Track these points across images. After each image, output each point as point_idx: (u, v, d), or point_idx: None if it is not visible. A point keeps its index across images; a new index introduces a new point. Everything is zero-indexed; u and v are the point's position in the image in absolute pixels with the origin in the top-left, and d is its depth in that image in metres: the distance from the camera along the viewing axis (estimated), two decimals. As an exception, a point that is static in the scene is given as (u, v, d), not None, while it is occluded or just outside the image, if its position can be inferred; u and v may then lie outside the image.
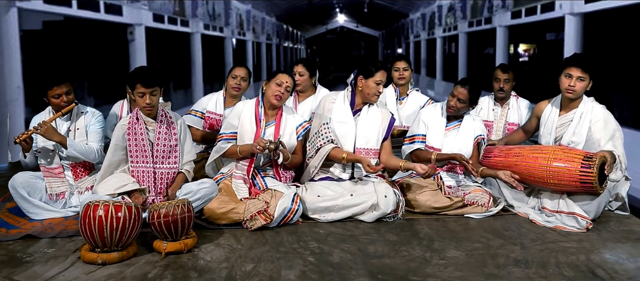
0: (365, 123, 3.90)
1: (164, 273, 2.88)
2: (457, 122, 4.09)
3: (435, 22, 21.77)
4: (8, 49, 6.85)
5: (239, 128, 3.85)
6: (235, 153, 3.79)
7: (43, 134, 3.67)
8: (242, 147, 3.76)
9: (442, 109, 4.14)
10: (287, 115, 3.91)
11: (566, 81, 3.76)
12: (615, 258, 3.04)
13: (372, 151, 3.89)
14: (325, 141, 3.83)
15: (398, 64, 4.91)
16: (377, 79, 3.79)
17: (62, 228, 3.56)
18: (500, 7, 14.24)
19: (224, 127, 3.94)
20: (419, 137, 4.12)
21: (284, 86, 3.78)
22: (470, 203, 3.78)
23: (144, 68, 3.70)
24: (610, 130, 3.74)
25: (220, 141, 3.88)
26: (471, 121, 4.09)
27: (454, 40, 19.52)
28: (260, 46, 25.12)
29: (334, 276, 2.84)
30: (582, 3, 9.46)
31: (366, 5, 27.65)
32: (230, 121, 3.91)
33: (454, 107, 4.01)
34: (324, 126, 3.87)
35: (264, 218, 3.51)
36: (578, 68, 3.71)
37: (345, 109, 3.90)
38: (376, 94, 3.84)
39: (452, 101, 4.01)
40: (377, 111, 3.95)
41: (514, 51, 15.03)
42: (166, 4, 12.98)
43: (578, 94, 3.77)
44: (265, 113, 3.87)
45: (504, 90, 4.58)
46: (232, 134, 3.86)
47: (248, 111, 3.87)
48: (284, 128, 3.86)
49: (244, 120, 3.85)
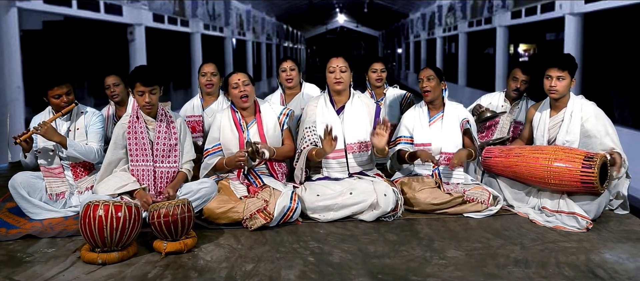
0: (351, 118, 3.90)
1: (164, 273, 2.88)
2: (440, 114, 4.08)
3: (435, 22, 21.79)
4: (8, 49, 6.86)
5: (222, 139, 3.85)
6: (222, 167, 3.81)
7: (43, 134, 3.67)
8: (228, 160, 3.78)
9: (422, 104, 4.14)
10: (266, 110, 3.91)
11: (547, 83, 3.84)
12: (615, 258, 3.04)
13: (364, 144, 3.90)
14: (308, 144, 3.84)
15: (375, 66, 4.87)
16: (330, 67, 3.86)
17: (62, 228, 3.56)
18: (500, 7, 14.24)
19: (207, 142, 3.94)
20: (402, 138, 4.12)
21: (241, 83, 3.78)
22: (470, 200, 3.78)
23: (143, 67, 3.71)
24: (603, 124, 3.78)
25: (206, 157, 3.89)
26: (453, 109, 4.08)
27: (454, 40, 19.54)
28: (260, 46, 25.13)
29: (334, 276, 2.84)
30: (582, 3, 9.46)
31: (366, 5, 27.66)
32: (211, 134, 3.90)
33: (428, 88, 3.99)
34: (307, 130, 3.89)
35: (264, 216, 3.51)
36: (555, 68, 3.79)
37: (328, 109, 3.93)
38: (335, 81, 3.87)
39: (423, 85, 4.01)
40: (360, 103, 3.96)
41: (514, 51, 15.03)
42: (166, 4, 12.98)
43: (561, 93, 3.81)
44: (243, 116, 3.87)
45: (520, 90, 4.57)
46: (216, 146, 3.87)
47: (226, 120, 3.87)
48: (267, 123, 3.87)
49: (225, 130, 3.85)
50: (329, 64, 3.90)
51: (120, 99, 4.60)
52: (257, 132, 3.84)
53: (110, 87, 4.57)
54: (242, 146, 3.79)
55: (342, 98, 3.96)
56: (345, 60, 3.91)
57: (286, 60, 4.84)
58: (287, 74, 4.75)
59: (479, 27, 16.27)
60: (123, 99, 4.62)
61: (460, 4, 18.16)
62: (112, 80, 4.59)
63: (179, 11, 13.88)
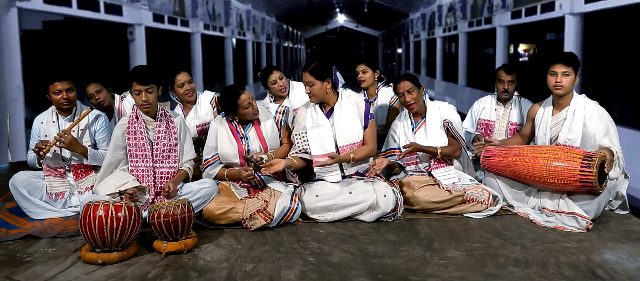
0: (341, 120, 3.88)
1: (164, 273, 2.88)
2: (423, 120, 4.08)
3: (435, 22, 21.79)
4: (8, 49, 6.87)
5: (219, 149, 3.82)
6: (223, 177, 3.80)
7: (66, 146, 3.70)
8: (229, 172, 3.77)
9: (405, 114, 4.13)
10: (260, 112, 3.87)
11: (552, 79, 3.81)
12: (615, 258, 3.04)
13: (356, 145, 3.87)
14: (296, 151, 3.82)
15: (357, 68, 4.78)
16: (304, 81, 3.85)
17: (62, 228, 3.56)
18: (500, 7, 14.25)
19: (205, 152, 3.90)
20: (392, 150, 4.12)
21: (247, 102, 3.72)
22: (470, 200, 3.78)
23: (140, 67, 3.71)
24: (605, 124, 3.77)
25: (207, 167, 3.87)
26: (435, 110, 4.07)
27: (454, 41, 19.53)
28: (260, 46, 25.14)
29: (334, 276, 2.84)
30: (582, 3, 9.47)
31: (366, 5, 27.66)
32: (208, 143, 3.87)
33: (411, 101, 3.98)
34: (296, 137, 3.88)
35: (264, 216, 3.51)
36: (561, 64, 3.78)
37: (318, 114, 3.90)
38: (308, 94, 3.85)
39: (404, 99, 4.00)
40: (348, 103, 3.92)
41: (514, 51, 15.03)
42: (166, 4, 12.99)
43: (567, 89, 3.80)
44: (239, 124, 3.84)
45: (508, 91, 4.57)
46: (215, 156, 3.85)
47: (223, 131, 3.83)
48: (265, 125, 3.85)
49: (222, 141, 3.82)
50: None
51: (108, 104, 4.49)
52: (256, 137, 3.83)
53: (93, 96, 4.43)
54: (241, 155, 3.78)
55: (328, 102, 3.91)
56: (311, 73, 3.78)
57: (272, 71, 4.69)
58: (278, 85, 4.66)
59: (479, 27, 16.27)
60: (110, 104, 4.52)
61: (460, 4, 18.17)
62: (93, 88, 4.43)
63: (179, 11, 13.88)
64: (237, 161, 3.80)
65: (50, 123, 3.91)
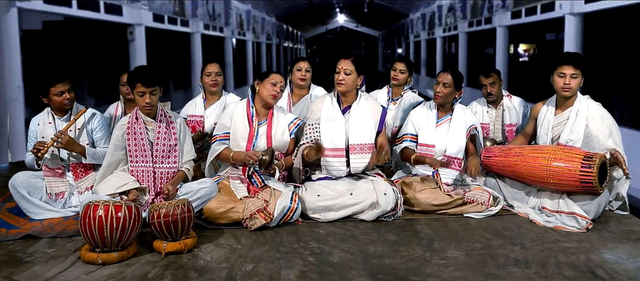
0: (356, 119, 3.92)
1: (164, 273, 2.88)
2: (448, 117, 4.09)
3: (435, 22, 21.77)
4: (8, 49, 6.86)
5: (232, 128, 3.86)
6: (228, 158, 3.80)
7: (64, 147, 3.70)
8: (235, 154, 3.76)
9: (431, 105, 4.15)
10: (278, 113, 3.92)
11: (560, 80, 3.78)
12: (615, 258, 3.04)
13: (367, 146, 3.90)
14: (308, 140, 3.84)
15: (396, 65, 4.92)
16: (337, 68, 3.90)
17: (62, 228, 3.56)
18: (500, 7, 14.24)
19: (217, 129, 3.95)
20: (408, 136, 4.14)
21: (279, 86, 3.81)
22: (470, 201, 3.78)
23: (144, 67, 3.70)
24: (608, 126, 3.76)
25: (214, 142, 3.89)
26: (462, 113, 4.10)
27: (454, 41, 19.53)
28: (260, 46, 25.12)
29: (334, 276, 2.84)
30: (582, 3, 9.46)
31: (366, 5, 27.65)
32: (222, 121, 3.92)
33: (441, 94, 4.02)
34: (309, 127, 3.90)
35: (264, 216, 3.51)
36: (570, 66, 3.75)
37: (334, 107, 3.94)
38: (337, 83, 3.89)
39: (437, 88, 4.05)
40: (367, 105, 3.97)
41: (514, 51, 15.02)
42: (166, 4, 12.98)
43: (574, 91, 3.80)
44: (257, 113, 3.87)
45: (493, 94, 4.60)
46: (225, 134, 3.87)
47: (240, 111, 3.88)
48: (276, 126, 3.87)
49: (237, 120, 3.86)
50: (337, 65, 3.93)
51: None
52: (264, 133, 3.84)
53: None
54: (250, 140, 3.79)
55: (348, 99, 3.97)
56: (353, 62, 3.90)
57: (303, 60, 4.83)
58: (302, 73, 4.73)
59: (479, 27, 16.26)
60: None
61: (460, 4, 18.16)
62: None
63: (179, 11, 13.87)
64: (245, 144, 3.80)
65: (47, 124, 3.91)
